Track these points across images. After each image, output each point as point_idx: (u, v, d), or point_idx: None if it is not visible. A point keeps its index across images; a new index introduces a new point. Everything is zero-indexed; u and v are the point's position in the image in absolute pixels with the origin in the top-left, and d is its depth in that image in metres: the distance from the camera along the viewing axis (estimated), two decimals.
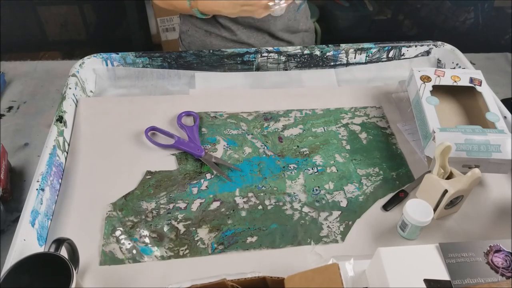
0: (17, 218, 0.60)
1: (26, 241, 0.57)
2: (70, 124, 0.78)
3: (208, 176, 0.71)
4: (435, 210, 0.64)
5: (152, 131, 0.77)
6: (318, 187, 0.70)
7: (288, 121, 0.81)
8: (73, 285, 0.49)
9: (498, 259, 0.52)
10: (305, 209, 0.67)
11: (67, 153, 0.74)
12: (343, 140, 0.78)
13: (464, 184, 0.62)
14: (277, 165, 0.73)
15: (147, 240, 0.62)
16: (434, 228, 0.64)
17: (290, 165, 0.73)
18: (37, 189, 0.62)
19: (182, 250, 0.61)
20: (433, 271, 0.51)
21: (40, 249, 0.60)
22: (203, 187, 0.69)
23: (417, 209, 0.60)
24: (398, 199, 0.68)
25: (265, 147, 0.76)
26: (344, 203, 0.68)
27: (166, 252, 0.61)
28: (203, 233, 0.63)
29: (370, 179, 0.71)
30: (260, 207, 0.67)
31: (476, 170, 0.62)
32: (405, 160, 0.75)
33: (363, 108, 0.84)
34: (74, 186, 0.69)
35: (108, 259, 0.60)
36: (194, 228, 0.64)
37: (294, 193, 0.69)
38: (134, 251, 0.61)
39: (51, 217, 0.65)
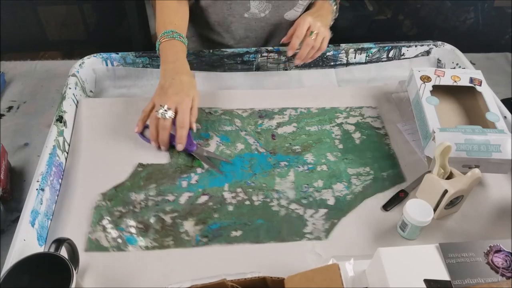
0: (17, 218, 0.60)
1: (26, 241, 0.57)
2: (70, 124, 0.78)
3: (199, 170, 0.72)
4: (435, 210, 0.64)
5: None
6: (307, 184, 0.70)
7: (283, 119, 0.81)
8: (73, 285, 0.49)
9: (498, 259, 0.52)
10: (292, 206, 0.67)
11: (67, 153, 0.74)
12: (336, 140, 0.78)
13: (464, 184, 0.62)
14: (268, 162, 0.73)
15: (132, 230, 0.63)
16: (434, 228, 0.64)
17: (281, 163, 0.73)
18: (37, 189, 0.62)
19: (166, 241, 0.62)
20: (433, 271, 0.51)
21: (40, 249, 0.60)
22: (193, 181, 0.70)
23: (417, 209, 0.60)
24: (398, 199, 0.68)
25: (258, 144, 0.76)
26: (331, 201, 0.68)
27: (150, 242, 0.62)
28: (188, 225, 0.64)
29: (359, 179, 0.71)
30: (247, 202, 0.67)
31: (476, 170, 0.62)
32: (397, 161, 0.75)
33: (358, 108, 0.84)
34: (74, 186, 0.69)
35: (94, 246, 0.61)
36: (180, 221, 0.64)
37: (282, 190, 0.69)
38: (120, 240, 0.62)
39: (51, 217, 0.65)
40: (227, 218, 0.65)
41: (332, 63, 0.95)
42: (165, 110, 0.69)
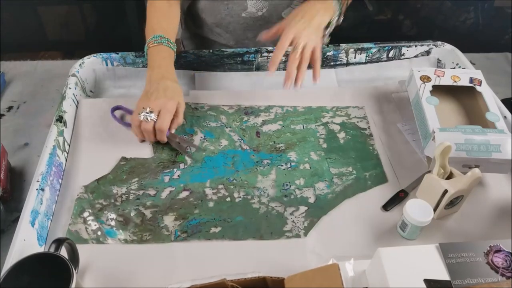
0: (17, 218, 0.60)
1: (26, 241, 0.57)
2: (70, 124, 0.78)
3: (182, 166, 0.72)
4: (435, 210, 0.64)
5: (119, 110, 0.79)
6: (289, 182, 0.70)
7: (268, 117, 0.81)
8: (73, 285, 0.49)
9: (498, 259, 0.52)
10: (272, 204, 0.67)
11: (67, 153, 0.74)
12: (320, 139, 0.78)
13: (464, 184, 0.62)
14: (251, 159, 0.74)
15: (112, 223, 0.64)
16: (434, 228, 0.64)
17: (264, 161, 0.74)
18: (37, 189, 0.62)
19: (145, 235, 0.62)
20: (433, 271, 0.51)
21: (40, 249, 0.60)
22: (175, 176, 0.70)
23: (417, 209, 0.60)
24: (398, 199, 0.68)
25: (242, 141, 0.77)
26: (312, 200, 0.68)
27: (129, 236, 0.62)
28: (168, 220, 0.64)
29: (341, 178, 0.71)
30: (228, 199, 0.68)
31: (476, 170, 0.62)
32: (380, 161, 0.74)
33: (345, 108, 0.84)
34: (74, 186, 0.69)
35: (73, 238, 0.61)
36: (160, 215, 0.65)
37: (263, 187, 0.69)
38: (99, 233, 0.62)
39: (51, 217, 0.65)
40: (207, 214, 0.65)
41: (332, 63, 0.95)
42: (147, 113, 0.69)
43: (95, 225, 0.63)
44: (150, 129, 0.70)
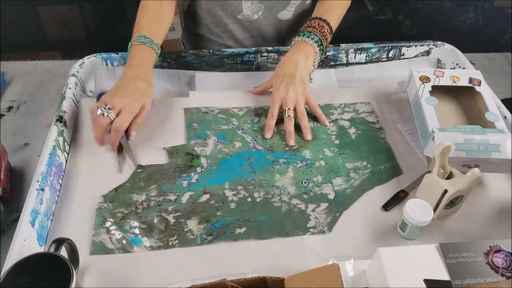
0: (17, 218, 0.60)
1: (26, 241, 0.57)
2: (70, 124, 0.78)
3: (199, 169, 0.72)
4: (435, 210, 0.64)
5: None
6: (307, 179, 0.71)
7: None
8: (73, 285, 0.49)
9: (498, 259, 0.52)
10: (294, 201, 0.67)
11: (67, 153, 0.74)
12: (332, 135, 0.78)
13: (464, 184, 0.62)
14: (266, 159, 0.74)
15: (136, 231, 0.63)
16: (434, 228, 0.64)
17: (279, 160, 0.74)
18: (37, 189, 0.62)
19: (171, 241, 0.62)
20: (433, 271, 0.51)
21: (40, 249, 0.60)
22: (193, 180, 0.70)
23: (417, 209, 0.60)
24: (398, 199, 0.68)
25: (255, 142, 0.77)
26: (332, 196, 0.68)
27: (155, 242, 0.62)
28: (192, 224, 0.64)
29: (358, 173, 0.72)
30: (249, 199, 0.68)
31: (476, 170, 0.62)
32: (393, 154, 0.75)
33: (352, 104, 0.85)
34: (74, 186, 0.69)
35: (98, 248, 0.60)
36: (183, 220, 0.65)
37: (282, 186, 0.70)
38: (124, 242, 0.62)
39: (51, 217, 0.65)
40: (230, 215, 0.65)
41: (332, 63, 0.95)
42: (106, 108, 0.67)
43: (119, 234, 0.62)
44: (105, 125, 0.67)
